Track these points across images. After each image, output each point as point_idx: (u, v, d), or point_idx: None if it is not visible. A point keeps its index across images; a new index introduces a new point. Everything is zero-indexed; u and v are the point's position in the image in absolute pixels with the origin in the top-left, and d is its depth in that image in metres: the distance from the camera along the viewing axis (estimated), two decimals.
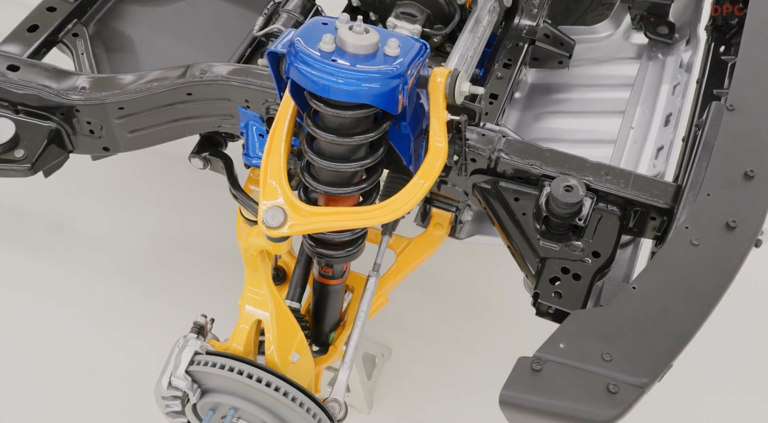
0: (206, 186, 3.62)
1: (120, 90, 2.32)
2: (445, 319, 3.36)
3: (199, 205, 3.73)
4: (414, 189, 1.91)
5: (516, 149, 2.13)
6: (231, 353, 2.12)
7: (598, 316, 1.72)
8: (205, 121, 2.37)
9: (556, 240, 2.05)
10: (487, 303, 3.41)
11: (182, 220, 3.73)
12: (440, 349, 3.25)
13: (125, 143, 2.44)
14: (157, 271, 3.56)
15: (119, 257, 3.61)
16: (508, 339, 3.34)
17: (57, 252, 3.63)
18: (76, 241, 3.66)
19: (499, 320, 3.36)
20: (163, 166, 3.83)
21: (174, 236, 3.67)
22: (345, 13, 1.84)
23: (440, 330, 3.32)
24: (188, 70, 2.30)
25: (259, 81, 2.22)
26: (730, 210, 1.89)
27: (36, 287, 3.51)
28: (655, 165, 2.46)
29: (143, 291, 3.49)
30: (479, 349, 3.29)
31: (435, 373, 3.20)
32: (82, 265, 3.58)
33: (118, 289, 3.50)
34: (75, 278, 3.54)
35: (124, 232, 3.70)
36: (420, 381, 3.17)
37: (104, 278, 3.53)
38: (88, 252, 3.63)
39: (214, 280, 3.49)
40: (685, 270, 1.80)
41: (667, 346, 1.68)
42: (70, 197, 3.75)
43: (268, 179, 1.96)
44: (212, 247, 3.59)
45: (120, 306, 3.46)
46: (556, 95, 2.83)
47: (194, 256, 3.59)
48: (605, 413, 1.59)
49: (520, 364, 1.65)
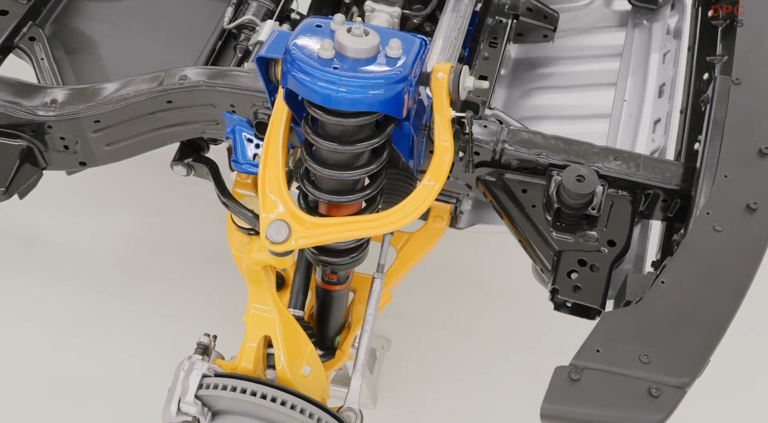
0: (183, 185, 3.47)
1: (94, 102, 2.18)
2: (439, 304, 3.31)
3: (177, 205, 3.59)
4: (425, 192, 1.83)
5: (520, 139, 2.05)
6: (241, 374, 2.04)
7: (631, 315, 1.67)
8: (187, 129, 2.24)
9: (569, 231, 1.98)
10: (480, 285, 3.37)
11: (160, 222, 3.60)
12: (437, 335, 3.21)
13: (103, 156, 2.31)
14: (138, 279, 3.43)
15: (96, 267, 3.47)
16: (503, 319, 3.33)
17: (30, 266, 3.47)
18: (50, 254, 3.51)
19: (492, 301, 3.34)
20: (135, 167, 3.66)
21: (152, 240, 3.54)
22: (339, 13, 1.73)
23: (435, 316, 3.27)
24: (165, 76, 2.16)
25: (245, 84, 2.10)
26: (749, 191, 1.85)
27: (12, 305, 3.36)
28: (654, 140, 2.40)
29: (126, 301, 3.37)
30: (476, 331, 3.26)
31: (435, 360, 3.16)
32: (58, 279, 3.43)
33: (99, 300, 3.37)
34: (51, 292, 3.40)
35: (99, 239, 3.55)
36: (421, 369, 3.12)
37: (83, 290, 3.39)
38: (63, 264, 3.48)
39: (201, 284, 3.40)
40: (711, 259, 1.75)
41: (702, 341, 1.64)
42: (38, 207, 3.57)
43: (268, 193, 1.86)
44: (195, 249, 3.48)
45: (102, 318, 3.33)
46: (542, 70, 2.75)
47: (177, 261, 3.47)
48: (650, 418, 1.55)
49: (558, 375, 1.60)
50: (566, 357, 3.25)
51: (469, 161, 2.01)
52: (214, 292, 3.36)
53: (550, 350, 3.30)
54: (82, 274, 3.45)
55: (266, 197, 1.86)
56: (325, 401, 2.20)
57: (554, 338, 3.31)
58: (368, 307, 2.25)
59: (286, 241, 1.83)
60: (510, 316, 3.32)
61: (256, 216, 2.29)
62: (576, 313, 1.96)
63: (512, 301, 3.34)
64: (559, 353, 3.27)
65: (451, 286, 3.36)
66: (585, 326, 3.31)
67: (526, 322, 3.30)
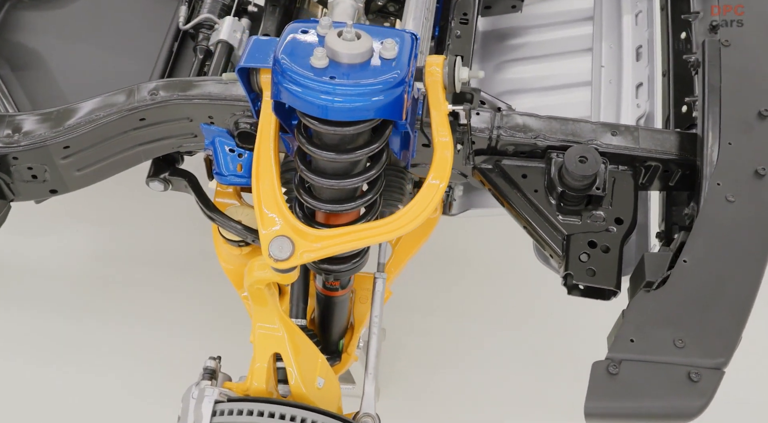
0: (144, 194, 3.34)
1: (61, 127, 2.05)
2: (428, 289, 3.26)
3: (139, 215, 3.44)
4: (430, 191, 1.76)
5: (515, 124, 1.99)
6: (255, 396, 1.96)
7: (659, 300, 1.64)
8: (163, 144, 2.13)
9: (575, 213, 1.94)
10: (465, 266, 3.34)
11: (123, 234, 3.45)
12: (430, 319, 3.18)
13: (75, 182, 2.18)
14: (110, 295, 3.30)
15: (64, 287, 3.32)
16: (491, 297, 3.33)
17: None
18: (13, 280, 3.34)
19: (479, 281, 3.32)
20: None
21: (118, 254, 3.40)
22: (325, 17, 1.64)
23: (425, 301, 3.23)
24: (135, 92, 2.04)
25: (223, 94, 1.99)
26: (755, 156, 1.83)
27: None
28: (638, 105, 2.36)
29: (100, 319, 3.24)
30: (467, 311, 3.25)
31: (431, 344, 3.14)
32: (26, 304, 3.28)
33: (72, 322, 3.23)
34: (22, 319, 3.25)
35: (62, 259, 3.39)
36: (419, 355, 3.09)
37: (53, 312, 3.25)
38: (28, 288, 3.33)
39: (178, 295, 3.29)
40: (728, 231, 1.73)
41: (733, 318, 1.63)
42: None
43: (264, 209, 1.77)
44: (166, 259, 3.36)
45: (77, 340, 3.20)
46: (513, 41, 2.68)
47: (147, 273, 3.34)
48: (694, 404, 1.54)
49: (596, 370, 1.57)
50: (556, 326, 3.28)
51: (469, 153, 1.94)
52: (192, 301, 3.27)
53: (540, 321, 3.33)
54: (50, 296, 3.30)
55: (263, 214, 1.77)
56: (341, 410, 2.14)
57: (542, 310, 3.33)
58: (373, 309, 2.19)
59: (291, 257, 1.75)
60: (498, 293, 3.31)
61: (246, 227, 2.20)
62: (589, 296, 1.93)
63: (498, 278, 3.33)
64: (549, 324, 3.31)
65: (437, 270, 3.32)
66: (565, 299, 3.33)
67: (514, 297, 3.31)
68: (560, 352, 3.29)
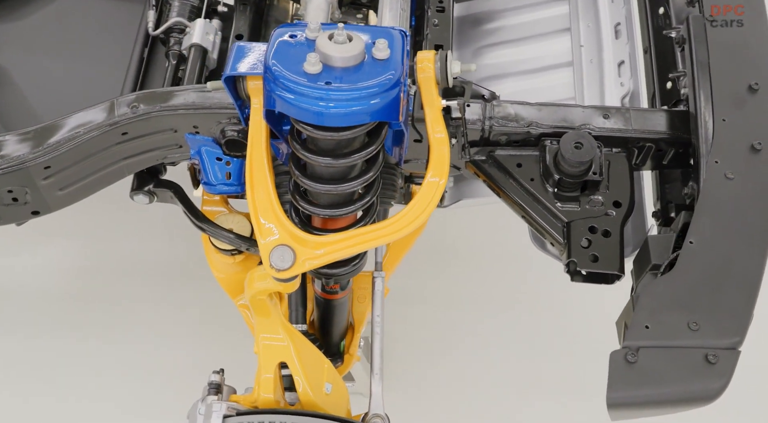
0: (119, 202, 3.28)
1: (41, 147, 1.97)
2: (416, 278, 3.24)
3: (118, 224, 3.36)
4: (431, 189, 1.73)
5: (506, 114, 1.96)
6: (265, 408, 1.93)
7: (670, 284, 1.64)
8: (147, 157, 2.07)
9: (573, 200, 1.93)
10: (451, 254, 3.34)
11: (104, 246, 3.37)
12: (421, 309, 3.17)
13: (57, 202, 2.11)
14: (92, 309, 3.23)
15: (44, 304, 3.24)
16: (479, 283, 3.34)
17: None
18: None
19: (466, 267, 3.33)
20: None
21: (99, 267, 3.33)
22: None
23: (415, 291, 3.22)
24: (115, 106, 1.97)
25: (207, 103, 1.93)
26: (750, 131, 1.83)
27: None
28: (622, 83, 2.35)
29: (85, 338, 3.16)
30: (457, 299, 3.26)
31: (425, 334, 3.13)
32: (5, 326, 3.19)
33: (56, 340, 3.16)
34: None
35: (38, 276, 3.30)
36: (414, 345, 3.08)
37: (33, 335, 3.17)
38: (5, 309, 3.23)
39: (159, 304, 3.23)
40: (730, 209, 1.73)
41: (743, 296, 1.63)
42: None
43: (261, 219, 1.73)
44: (151, 268, 3.29)
45: (63, 361, 3.12)
46: (489, 25, 2.65)
47: (133, 284, 3.28)
48: (713, 386, 1.54)
49: (615, 360, 1.56)
50: (544, 308, 3.29)
51: (465, 147, 1.92)
52: (181, 311, 3.23)
53: (529, 304, 3.34)
54: (29, 318, 3.22)
55: (260, 224, 1.72)
56: (350, 413, 2.12)
57: (530, 292, 3.34)
58: (374, 309, 2.16)
59: (293, 266, 1.71)
60: (485, 280, 3.32)
61: (238, 236, 2.16)
62: (592, 281, 1.93)
63: (484, 265, 3.34)
64: (537, 306, 3.31)
65: (423, 260, 3.30)
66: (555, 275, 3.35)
67: (501, 282, 3.32)
68: (551, 331, 3.31)
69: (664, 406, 1.55)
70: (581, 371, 3.21)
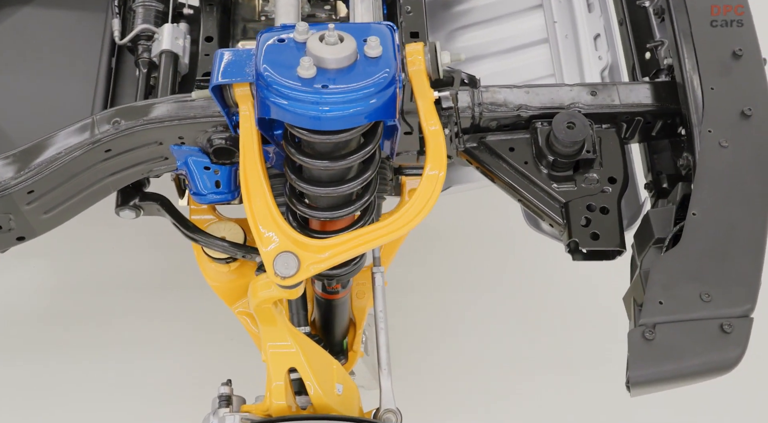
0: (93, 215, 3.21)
1: (23, 172, 1.91)
2: (403, 267, 3.21)
3: (95, 237, 3.28)
4: (431, 182, 1.72)
5: (495, 100, 1.94)
6: (279, 416, 1.91)
7: (679, 258, 1.65)
8: (132, 172, 2.02)
9: (568, 180, 1.93)
10: (436, 240, 3.32)
11: (83, 261, 3.30)
12: (412, 297, 3.15)
13: (42, 226, 2.05)
14: (81, 329, 3.16)
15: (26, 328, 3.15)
16: (467, 266, 3.34)
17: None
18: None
19: (452, 251, 3.33)
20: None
21: (80, 283, 3.25)
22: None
23: (403, 279, 3.18)
24: (95, 124, 1.92)
25: (192, 113, 1.89)
26: (738, 97, 1.84)
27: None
28: (600, 57, 2.35)
29: (74, 357, 3.10)
30: (446, 284, 3.25)
31: (418, 321, 3.13)
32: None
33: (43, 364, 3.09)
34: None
35: (18, 298, 3.21)
36: (409, 334, 3.07)
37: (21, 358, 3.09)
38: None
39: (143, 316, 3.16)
40: (728, 177, 1.74)
41: (750, 263, 1.64)
42: None
43: (261, 229, 1.69)
44: (132, 280, 3.22)
45: (53, 383, 3.06)
46: (459, 7, 2.63)
47: (115, 297, 3.21)
48: (732, 355, 1.56)
49: (633, 338, 1.57)
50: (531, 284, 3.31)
51: (459, 137, 1.90)
52: (170, 322, 3.17)
53: (515, 281, 3.35)
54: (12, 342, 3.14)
55: (260, 233, 1.69)
56: (362, 411, 2.11)
57: (515, 270, 3.36)
58: (377, 304, 2.14)
59: (298, 272, 1.69)
60: (471, 261, 3.33)
61: (232, 243, 2.12)
62: (593, 258, 1.93)
63: (468, 247, 3.34)
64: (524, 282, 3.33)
65: (408, 247, 3.28)
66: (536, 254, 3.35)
67: (487, 262, 3.33)
68: (540, 307, 3.33)
69: (685, 379, 1.56)
70: (576, 342, 3.26)
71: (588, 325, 3.31)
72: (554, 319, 3.35)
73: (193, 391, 2.97)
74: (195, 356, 3.09)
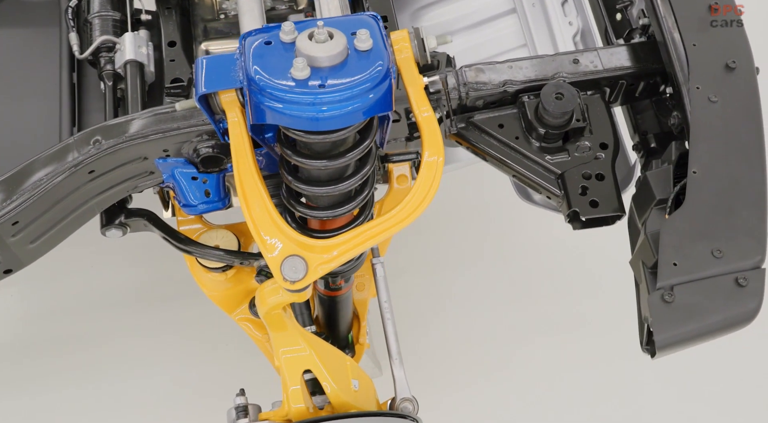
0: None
1: (4, 203, 1.84)
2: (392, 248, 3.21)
3: (75, 257, 3.19)
4: (431, 169, 1.69)
5: (479, 79, 1.93)
6: (300, 420, 1.89)
7: (686, 216, 1.66)
8: (118, 190, 1.96)
9: (561, 150, 1.92)
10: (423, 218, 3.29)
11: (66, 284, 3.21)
12: (404, 282, 3.12)
13: (29, 255, 1.99)
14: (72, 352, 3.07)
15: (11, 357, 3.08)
16: (456, 248, 3.34)
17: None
18: None
19: (439, 233, 3.30)
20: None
21: (52, 309, 3.16)
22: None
23: (394, 265, 3.16)
24: (74, 146, 1.85)
25: (174, 124, 1.83)
26: (720, 51, 1.85)
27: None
28: (570, 23, 2.35)
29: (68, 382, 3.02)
30: (437, 267, 3.24)
31: (413, 307, 3.11)
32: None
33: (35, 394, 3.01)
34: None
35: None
36: (406, 320, 3.05)
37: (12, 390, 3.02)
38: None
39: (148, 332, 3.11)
40: (722, 131, 1.76)
41: (755, 214, 1.66)
42: None
43: (264, 236, 1.65)
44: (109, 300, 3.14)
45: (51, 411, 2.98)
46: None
47: (102, 317, 3.13)
48: (750, 307, 1.58)
49: (653, 302, 1.58)
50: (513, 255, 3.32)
51: (451, 120, 1.88)
52: (161, 334, 3.11)
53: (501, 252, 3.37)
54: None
55: (263, 240, 1.65)
56: (378, 403, 2.10)
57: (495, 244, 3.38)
58: (380, 295, 2.12)
59: (307, 275, 1.66)
60: (453, 239, 3.32)
61: (227, 251, 2.08)
62: (592, 225, 1.93)
63: (449, 225, 3.33)
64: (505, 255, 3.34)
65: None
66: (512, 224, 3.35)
67: (468, 239, 3.33)
68: (523, 275, 3.35)
69: (708, 336, 1.58)
70: (562, 304, 3.29)
71: (570, 286, 3.35)
72: (538, 284, 3.37)
73: (192, 404, 2.95)
74: (187, 368, 3.04)
